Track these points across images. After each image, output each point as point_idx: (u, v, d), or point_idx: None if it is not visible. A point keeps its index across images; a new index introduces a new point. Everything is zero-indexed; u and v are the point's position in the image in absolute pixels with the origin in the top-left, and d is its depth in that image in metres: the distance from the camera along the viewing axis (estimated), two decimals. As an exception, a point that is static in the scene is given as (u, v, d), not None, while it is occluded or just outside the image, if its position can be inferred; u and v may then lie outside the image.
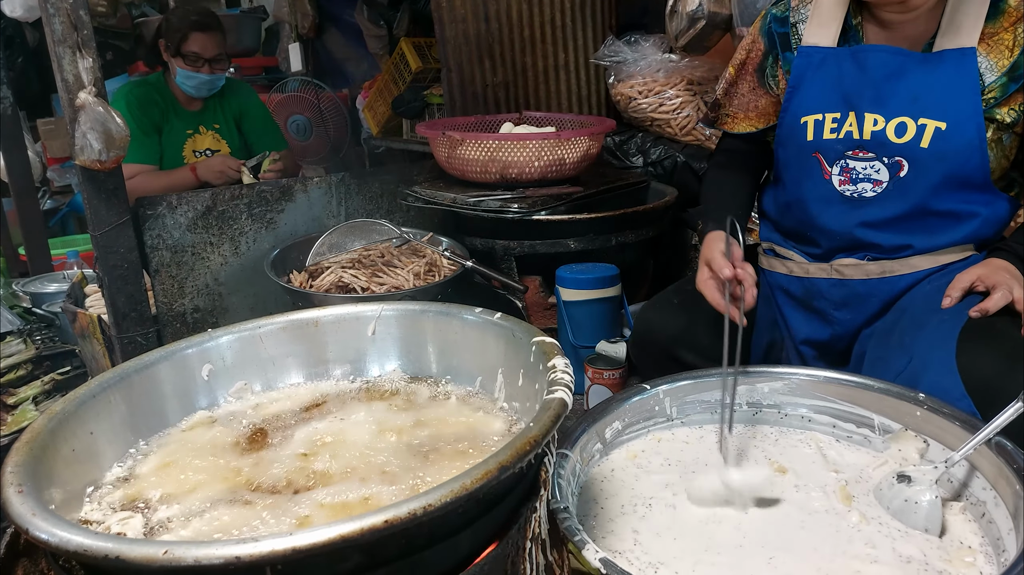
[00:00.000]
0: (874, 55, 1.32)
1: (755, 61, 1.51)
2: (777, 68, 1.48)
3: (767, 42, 1.49)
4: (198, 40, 2.68)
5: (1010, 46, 1.24)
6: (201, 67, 2.72)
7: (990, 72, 1.26)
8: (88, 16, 1.51)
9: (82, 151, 1.54)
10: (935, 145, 1.28)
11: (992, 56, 1.25)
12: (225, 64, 2.81)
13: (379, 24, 4.03)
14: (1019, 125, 1.29)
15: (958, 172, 1.29)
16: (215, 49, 2.72)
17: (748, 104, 1.54)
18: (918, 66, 1.29)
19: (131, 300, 1.75)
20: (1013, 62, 1.24)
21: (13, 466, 0.79)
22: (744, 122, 1.56)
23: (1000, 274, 1.23)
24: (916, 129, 1.29)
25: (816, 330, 1.48)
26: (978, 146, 1.27)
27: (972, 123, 1.26)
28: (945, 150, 1.28)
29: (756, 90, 1.53)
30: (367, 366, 1.20)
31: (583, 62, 2.87)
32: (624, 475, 1.14)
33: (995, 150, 1.30)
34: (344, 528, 0.65)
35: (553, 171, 2.11)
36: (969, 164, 1.28)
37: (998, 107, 1.27)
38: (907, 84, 1.29)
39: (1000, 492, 0.96)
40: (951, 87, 1.26)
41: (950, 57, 1.26)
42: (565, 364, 0.94)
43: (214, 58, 2.73)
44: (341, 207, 2.16)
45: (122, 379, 1.01)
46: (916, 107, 1.29)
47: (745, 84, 1.54)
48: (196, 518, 0.85)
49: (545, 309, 2.10)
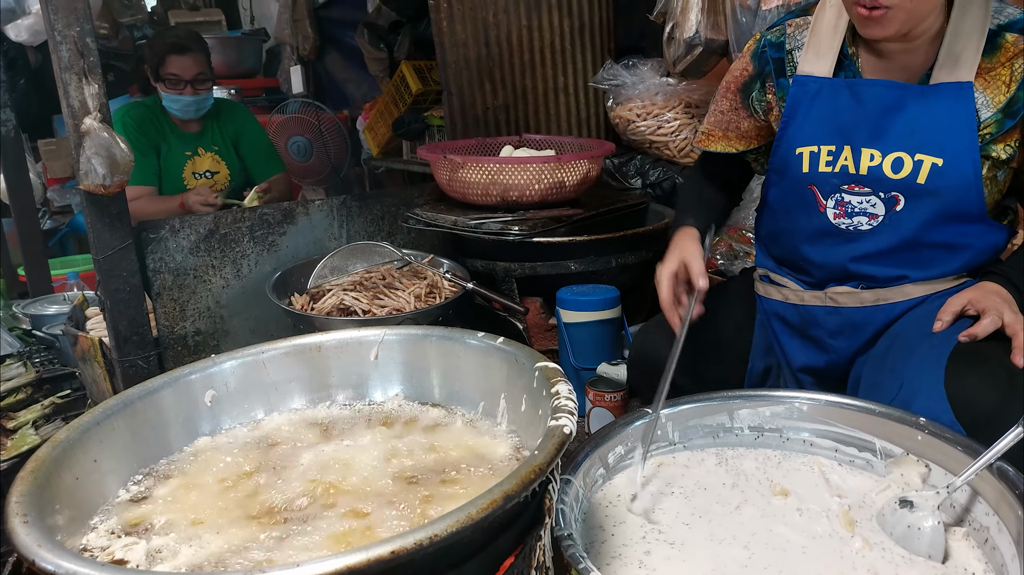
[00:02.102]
0: (871, 89, 1.31)
1: (740, 80, 1.49)
2: (767, 93, 1.46)
3: (756, 65, 1.47)
4: (175, 63, 2.67)
5: (1007, 81, 1.23)
6: (183, 89, 2.70)
7: (986, 108, 1.24)
8: (95, 43, 1.53)
9: (86, 176, 1.55)
10: (932, 181, 1.27)
11: (989, 92, 1.24)
12: (209, 84, 2.78)
13: (380, 47, 4.07)
14: (1015, 161, 1.28)
15: (954, 207, 1.28)
16: (195, 69, 2.70)
17: (728, 123, 1.52)
18: (915, 100, 1.27)
19: (133, 324, 1.76)
20: (1010, 98, 1.23)
21: (18, 496, 0.79)
22: (721, 141, 1.54)
23: (991, 298, 1.22)
24: (913, 165, 1.28)
25: (813, 357, 1.48)
26: (973, 182, 1.25)
27: (968, 159, 1.25)
28: (941, 186, 1.26)
29: (738, 110, 1.50)
30: (370, 391, 1.20)
31: (582, 85, 2.90)
32: (627, 500, 1.14)
33: (989, 186, 1.29)
34: (350, 559, 0.65)
35: (553, 194, 2.13)
36: (965, 200, 1.27)
37: (993, 143, 1.26)
38: (904, 119, 1.28)
39: (1003, 517, 0.96)
40: (948, 122, 1.25)
41: (947, 91, 1.25)
42: (569, 390, 0.94)
43: (195, 79, 2.70)
44: (343, 230, 2.17)
45: (125, 406, 1.02)
46: (913, 142, 1.27)
47: (726, 102, 1.52)
48: (199, 546, 0.85)
49: (546, 331, 2.10)
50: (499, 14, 2.73)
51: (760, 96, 1.47)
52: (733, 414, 1.25)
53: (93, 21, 1.59)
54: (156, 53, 2.71)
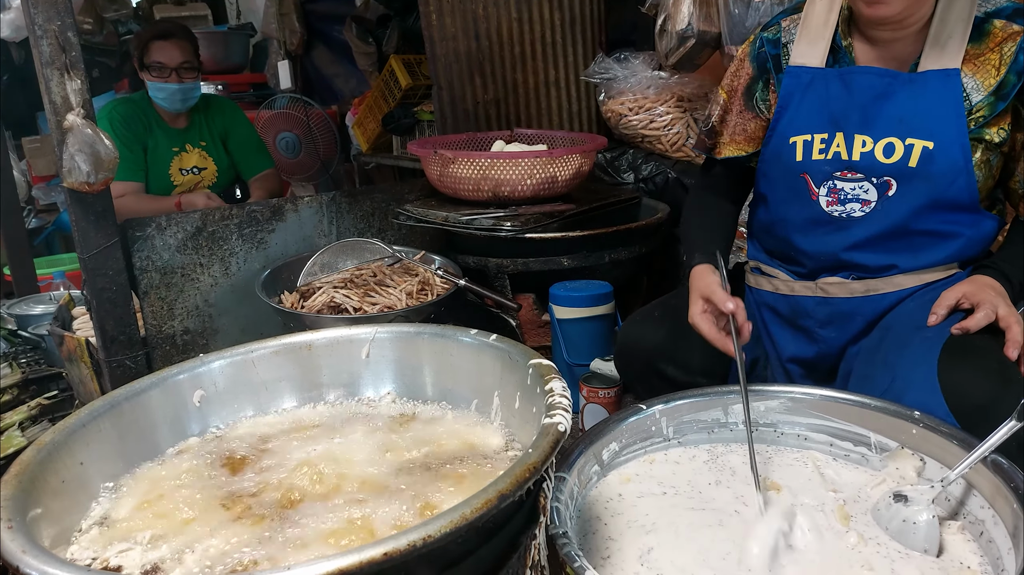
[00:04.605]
0: (861, 77, 1.33)
1: (743, 85, 1.50)
2: (769, 92, 1.47)
3: (756, 67, 1.47)
4: (160, 49, 2.63)
5: (996, 65, 1.25)
6: (168, 76, 2.65)
7: (977, 92, 1.26)
8: (76, 38, 1.51)
9: (70, 173, 1.53)
10: (923, 164, 1.29)
11: (979, 76, 1.26)
12: (196, 73, 2.74)
13: (368, 41, 4.04)
14: (1006, 145, 1.30)
15: (945, 193, 1.29)
16: (180, 57, 2.66)
17: (736, 128, 1.52)
18: (904, 87, 1.30)
19: (120, 323, 1.73)
20: (1000, 80, 1.25)
21: (3, 500, 0.77)
22: (732, 146, 1.53)
23: (985, 292, 1.23)
24: (904, 149, 1.29)
25: (802, 348, 1.48)
26: (963, 167, 1.27)
27: (957, 144, 1.27)
28: (932, 169, 1.28)
29: (743, 113, 1.51)
30: (362, 389, 1.19)
31: (574, 79, 2.88)
32: (622, 498, 1.13)
33: (983, 170, 1.30)
34: (343, 562, 0.64)
35: (545, 189, 2.12)
36: (956, 186, 1.29)
37: (987, 126, 1.27)
38: (893, 105, 1.30)
39: (998, 511, 0.96)
40: (936, 108, 1.27)
41: (934, 78, 1.27)
42: (563, 387, 0.93)
43: (180, 66, 2.66)
44: (332, 226, 2.15)
45: (112, 407, 1.00)
46: (903, 127, 1.29)
47: (734, 107, 1.52)
48: (190, 547, 0.84)
49: (539, 327, 2.09)
50: (489, 7, 2.71)
51: (763, 95, 1.48)
52: (728, 409, 1.25)
53: (75, 15, 1.57)
54: (141, 41, 2.68)
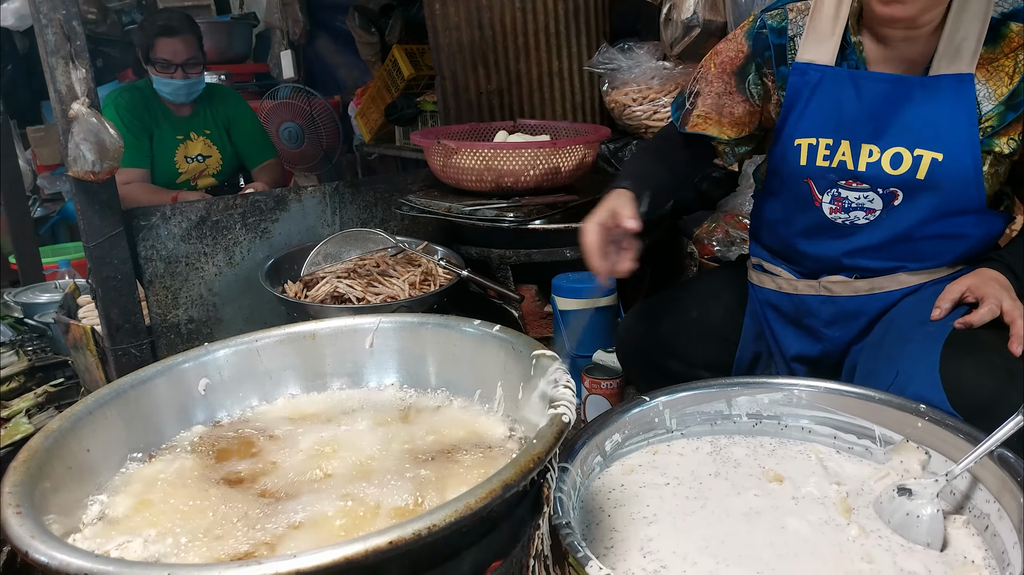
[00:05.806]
0: (872, 84, 1.27)
1: (735, 63, 1.42)
2: (763, 78, 1.41)
3: (753, 46, 1.40)
4: (166, 45, 2.64)
5: (1010, 73, 1.20)
6: (174, 73, 2.67)
7: (988, 100, 1.21)
8: (81, 27, 1.50)
9: (75, 162, 1.53)
10: (932, 176, 1.24)
11: (991, 83, 1.21)
12: (200, 68, 2.76)
13: (371, 31, 4.02)
14: (1017, 154, 1.25)
15: (953, 202, 1.26)
16: (186, 53, 2.67)
17: (721, 107, 1.43)
18: (915, 93, 1.24)
19: (125, 311, 1.74)
20: (1012, 90, 1.20)
21: (11, 486, 0.78)
22: (714, 126, 1.44)
23: (990, 285, 1.21)
24: (912, 160, 1.25)
25: (807, 347, 1.47)
26: (974, 177, 1.23)
27: (968, 154, 1.22)
28: (941, 181, 1.24)
29: (732, 94, 1.42)
30: (365, 379, 1.19)
31: (577, 69, 2.87)
32: (624, 489, 1.14)
33: (991, 181, 1.26)
34: (349, 550, 0.64)
35: (549, 179, 2.11)
36: (965, 194, 1.25)
37: (996, 136, 1.23)
38: (904, 113, 1.25)
39: (1004, 505, 0.96)
40: (947, 116, 1.22)
41: (947, 83, 1.22)
42: (567, 379, 0.93)
43: (186, 63, 2.68)
44: (336, 216, 2.15)
45: (118, 395, 1.00)
46: (912, 137, 1.25)
47: (719, 84, 1.43)
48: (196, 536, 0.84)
49: (541, 318, 2.09)
50: (492, -4, 2.69)
51: (756, 80, 1.41)
52: (731, 401, 1.25)
53: (80, 5, 1.57)
54: (147, 36, 2.68)
